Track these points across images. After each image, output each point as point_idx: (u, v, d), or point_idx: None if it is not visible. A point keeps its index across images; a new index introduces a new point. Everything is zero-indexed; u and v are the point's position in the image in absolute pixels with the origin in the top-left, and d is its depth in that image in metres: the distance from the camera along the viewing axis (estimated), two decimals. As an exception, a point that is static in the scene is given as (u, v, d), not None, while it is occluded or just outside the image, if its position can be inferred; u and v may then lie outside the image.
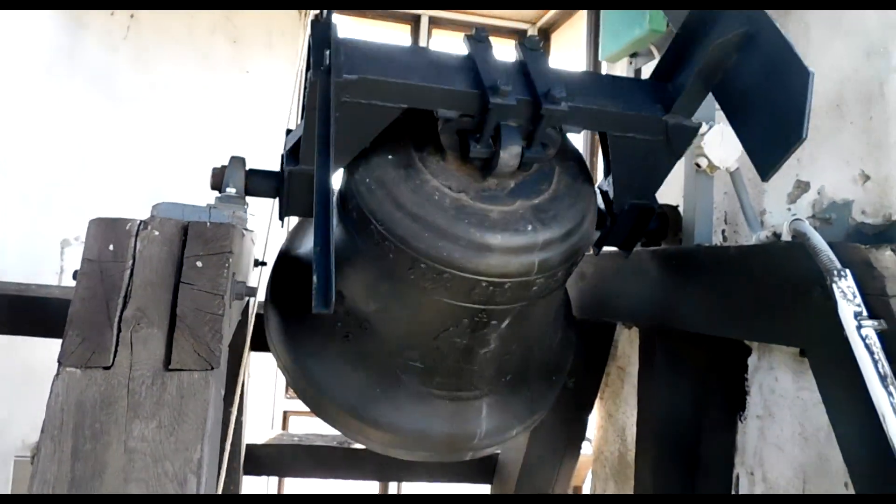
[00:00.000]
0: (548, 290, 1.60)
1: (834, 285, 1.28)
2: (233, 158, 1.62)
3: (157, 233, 1.29)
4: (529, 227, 1.45)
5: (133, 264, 1.26)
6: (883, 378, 1.18)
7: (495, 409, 1.82)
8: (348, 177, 1.55)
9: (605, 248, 1.86)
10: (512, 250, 1.44)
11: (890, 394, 1.17)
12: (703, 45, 1.46)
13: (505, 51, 1.52)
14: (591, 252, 1.86)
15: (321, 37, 1.37)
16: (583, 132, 1.69)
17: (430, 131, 1.47)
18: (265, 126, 3.97)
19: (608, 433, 2.79)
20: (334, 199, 1.53)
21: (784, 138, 1.30)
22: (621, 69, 2.48)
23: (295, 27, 5.05)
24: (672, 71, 1.56)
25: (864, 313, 1.25)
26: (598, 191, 1.73)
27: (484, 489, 3.26)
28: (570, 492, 3.23)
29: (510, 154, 1.42)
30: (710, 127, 1.83)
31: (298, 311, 1.76)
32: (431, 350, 1.66)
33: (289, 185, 1.54)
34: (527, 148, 1.44)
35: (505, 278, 1.46)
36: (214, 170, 1.63)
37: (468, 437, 1.81)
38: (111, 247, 1.26)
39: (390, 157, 1.49)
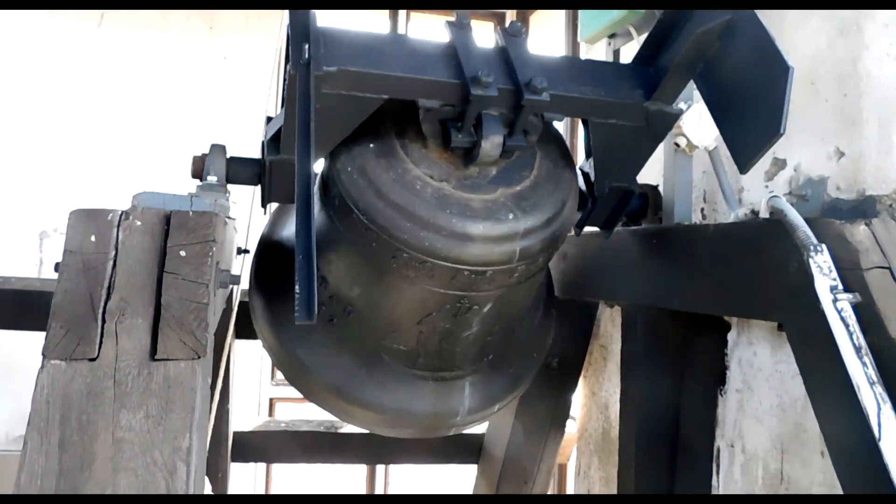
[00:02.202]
0: (529, 275, 1.63)
1: (810, 260, 1.31)
2: (213, 146, 1.61)
3: (139, 223, 1.28)
4: (511, 216, 1.47)
5: (116, 255, 1.25)
6: (857, 349, 1.22)
7: (478, 387, 1.87)
8: (330, 163, 1.55)
9: (587, 229, 1.88)
10: (493, 239, 1.46)
11: (864, 364, 1.20)
12: (686, 30, 1.46)
13: (485, 34, 1.51)
14: (573, 233, 1.88)
15: (300, 28, 1.35)
16: (563, 115, 1.72)
17: (412, 119, 1.47)
18: (245, 112, 3.93)
19: (592, 410, 2.83)
20: (315, 190, 1.53)
21: (763, 132, 1.32)
22: (600, 50, 2.49)
23: (272, 12, 4.98)
24: (654, 55, 1.57)
25: (840, 287, 1.28)
26: (579, 172, 1.75)
27: (470, 469, 3.30)
28: (555, 469, 3.27)
29: (491, 144, 1.42)
30: (689, 107, 1.85)
31: (283, 295, 1.77)
32: (414, 334, 1.70)
33: (270, 174, 1.55)
34: (508, 136, 1.45)
35: (486, 266, 1.49)
36: (195, 158, 1.61)
37: (451, 415, 1.86)
38: (93, 238, 1.25)
39: (372, 145, 1.49)
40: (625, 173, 1.68)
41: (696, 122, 1.85)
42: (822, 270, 1.30)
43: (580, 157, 1.85)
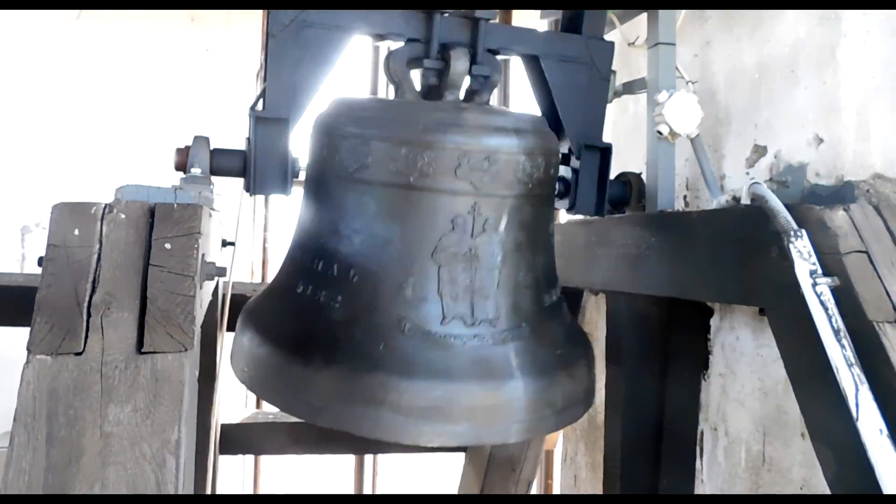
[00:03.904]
0: (533, 186, 1.53)
1: (791, 245, 1.34)
2: (196, 138, 1.60)
3: (123, 216, 1.27)
4: (498, 114, 1.59)
5: (100, 248, 1.25)
6: (836, 332, 1.24)
7: (527, 358, 1.51)
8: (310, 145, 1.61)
9: (572, 217, 1.89)
10: (486, 125, 1.50)
11: (843, 346, 1.23)
12: None
13: None
14: (565, 210, 1.92)
15: None
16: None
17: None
18: (228, 104, 3.90)
19: (578, 397, 2.86)
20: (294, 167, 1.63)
21: None
22: (582, 38, 2.50)
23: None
24: (573, 20, 1.83)
25: (819, 271, 1.31)
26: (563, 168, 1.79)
27: (458, 457, 3.33)
28: (542, 455, 3.31)
29: (459, 60, 1.57)
30: (671, 94, 1.87)
31: (277, 337, 1.55)
32: (434, 275, 1.47)
33: (256, 138, 1.57)
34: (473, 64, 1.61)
35: (486, 144, 1.46)
36: (178, 150, 1.61)
37: (502, 389, 1.47)
38: (76, 231, 1.24)
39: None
40: (591, 126, 1.83)
41: (678, 109, 1.87)
42: (802, 255, 1.32)
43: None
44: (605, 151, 1.85)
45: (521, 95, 3.64)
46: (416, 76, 1.67)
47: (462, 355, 1.47)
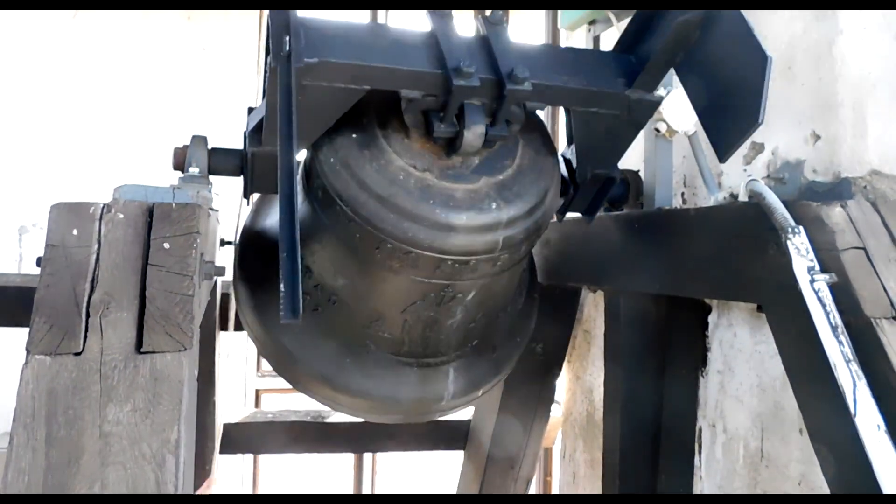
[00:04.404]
0: (512, 264, 1.65)
1: (788, 242, 1.34)
2: (194, 137, 1.60)
3: (121, 215, 1.28)
4: (493, 206, 1.48)
5: (98, 248, 1.25)
6: (834, 328, 1.25)
7: (462, 373, 1.90)
8: (313, 154, 1.54)
9: (570, 215, 1.89)
10: (476, 229, 1.47)
11: (840, 343, 1.23)
12: (667, 19, 1.46)
13: (465, 23, 1.52)
14: (556, 219, 1.90)
15: (280, 20, 1.33)
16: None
17: (394, 110, 1.46)
18: (225, 103, 3.90)
19: (576, 394, 2.86)
20: (298, 180, 1.54)
21: (742, 122, 1.34)
22: (580, 37, 2.50)
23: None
24: (634, 43, 1.57)
25: (817, 267, 1.31)
26: (561, 159, 1.76)
27: (457, 455, 3.33)
28: (541, 453, 3.31)
29: (474, 133, 1.42)
30: (669, 92, 1.86)
31: (267, 284, 1.79)
32: (399, 322, 1.71)
33: (252, 165, 1.55)
34: (490, 125, 1.44)
35: (470, 256, 1.50)
36: (176, 150, 1.60)
37: (435, 400, 1.90)
38: (75, 231, 1.24)
39: (354, 136, 1.48)
40: (606, 160, 1.69)
41: (676, 107, 1.87)
42: (800, 252, 1.32)
43: (561, 142, 1.86)
44: (610, 180, 1.74)
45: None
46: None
47: (410, 375, 1.83)
